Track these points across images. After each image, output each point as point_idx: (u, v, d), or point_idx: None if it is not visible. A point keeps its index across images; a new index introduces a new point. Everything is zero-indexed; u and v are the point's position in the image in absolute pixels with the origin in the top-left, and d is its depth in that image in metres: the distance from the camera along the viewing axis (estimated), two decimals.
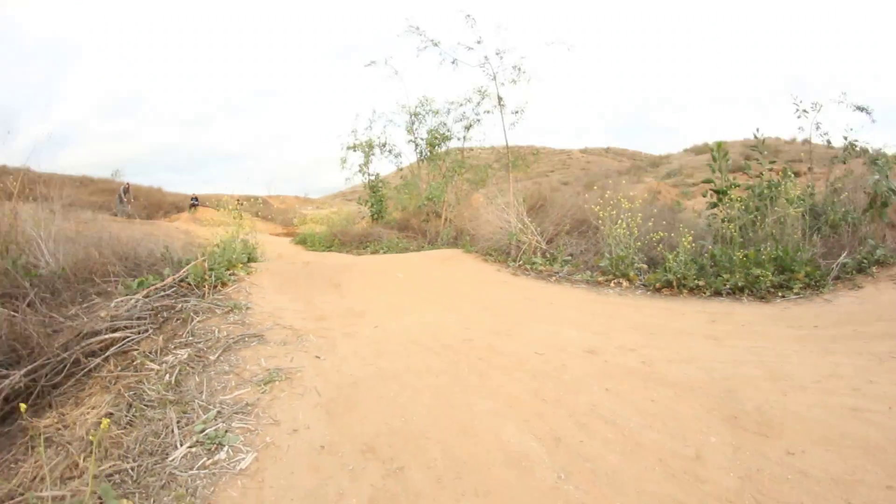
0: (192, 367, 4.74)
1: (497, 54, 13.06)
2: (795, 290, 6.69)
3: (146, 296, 6.11)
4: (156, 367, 4.79)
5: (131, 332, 5.48)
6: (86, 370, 4.90)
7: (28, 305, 5.48)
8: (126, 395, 4.33)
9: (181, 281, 6.78)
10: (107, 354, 5.11)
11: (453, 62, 13.28)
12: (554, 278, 8.50)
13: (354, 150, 16.54)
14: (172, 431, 3.73)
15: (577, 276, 8.37)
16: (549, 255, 9.46)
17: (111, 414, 4.07)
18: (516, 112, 14.22)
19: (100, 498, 2.97)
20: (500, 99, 13.27)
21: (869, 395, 3.76)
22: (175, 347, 5.19)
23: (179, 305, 6.21)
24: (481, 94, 14.86)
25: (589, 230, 9.89)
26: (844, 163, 9.19)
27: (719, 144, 8.89)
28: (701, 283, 7.10)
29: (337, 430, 3.72)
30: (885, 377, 4.05)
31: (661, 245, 8.05)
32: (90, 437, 3.78)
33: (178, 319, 5.86)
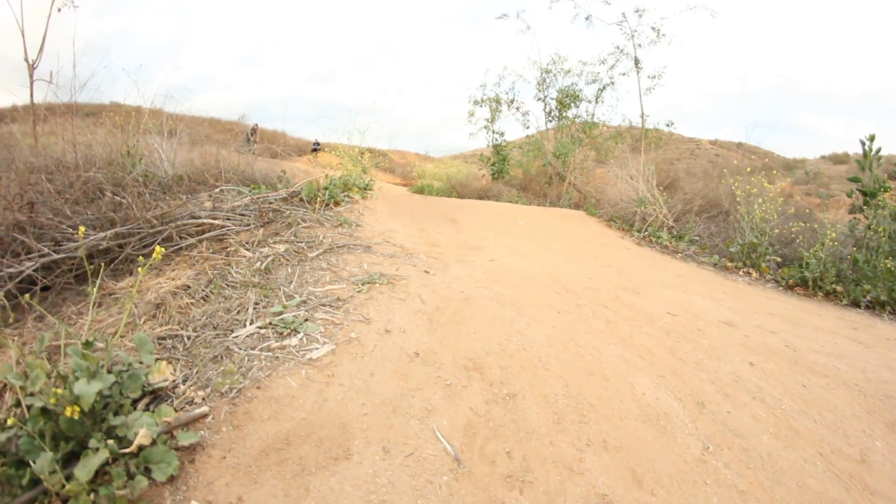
0: (288, 260, 4.22)
1: (636, 12, 12.19)
2: None
3: (254, 200, 5.68)
4: (249, 254, 4.30)
5: (232, 223, 5.04)
6: (177, 248, 4.56)
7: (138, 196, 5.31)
8: (209, 272, 3.88)
9: (294, 195, 6.32)
10: (202, 237, 4.70)
11: (587, 18, 12.59)
12: (679, 255, 7.63)
13: (481, 105, 15.64)
14: (247, 310, 3.16)
15: (704, 257, 7.51)
16: (675, 232, 8.62)
17: (188, 287, 3.67)
18: (653, 77, 13.11)
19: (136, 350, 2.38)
20: (637, 61, 12.42)
21: None
22: (274, 242, 4.66)
23: (287, 212, 5.73)
24: (618, 54, 13.53)
25: (720, 214, 8.96)
26: None
27: (872, 137, 7.16)
28: (839, 288, 6.24)
29: (438, 340, 2.98)
30: None
31: (799, 238, 7.10)
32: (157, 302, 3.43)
33: (283, 223, 5.36)
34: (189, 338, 2.89)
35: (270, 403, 2.23)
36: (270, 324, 2.94)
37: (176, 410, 2.18)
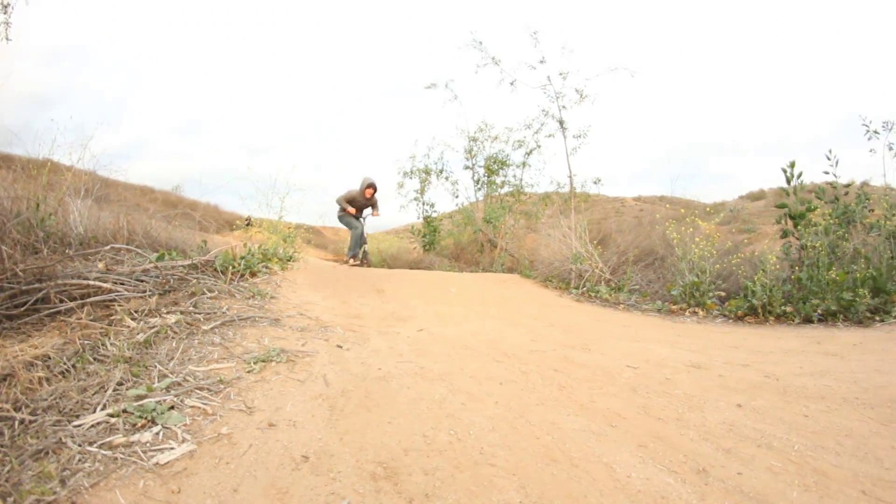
0: (176, 333, 3.57)
1: (560, 75, 12.24)
2: (894, 314, 5.92)
3: (158, 267, 5.05)
4: (133, 324, 3.65)
5: (124, 289, 4.39)
6: (54, 311, 3.84)
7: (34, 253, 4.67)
8: (79, 342, 3.20)
9: (207, 264, 5.74)
10: (85, 302, 4.03)
11: (512, 83, 12.52)
12: (622, 306, 7.47)
13: (411, 177, 15.59)
14: (105, 391, 2.49)
15: (647, 305, 7.40)
16: (613, 285, 8.54)
17: (48, 357, 2.98)
18: (578, 136, 13.30)
19: None
20: (561, 122, 12.32)
21: None
22: (167, 312, 4.03)
23: (194, 281, 5.11)
24: (542, 117, 13.75)
25: (655, 261, 9.11)
26: None
27: (792, 164, 7.58)
28: (788, 309, 6.33)
29: (338, 434, 2.31)
30: None
31: (742, 268, 7.23)
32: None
33: (186, 292, 4.74)
34: (22, 422, 2.21)
35: None
36: (125, 410, 2.29)
37: None
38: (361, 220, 11.70)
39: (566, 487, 2.11)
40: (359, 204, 11.47)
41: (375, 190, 11.45)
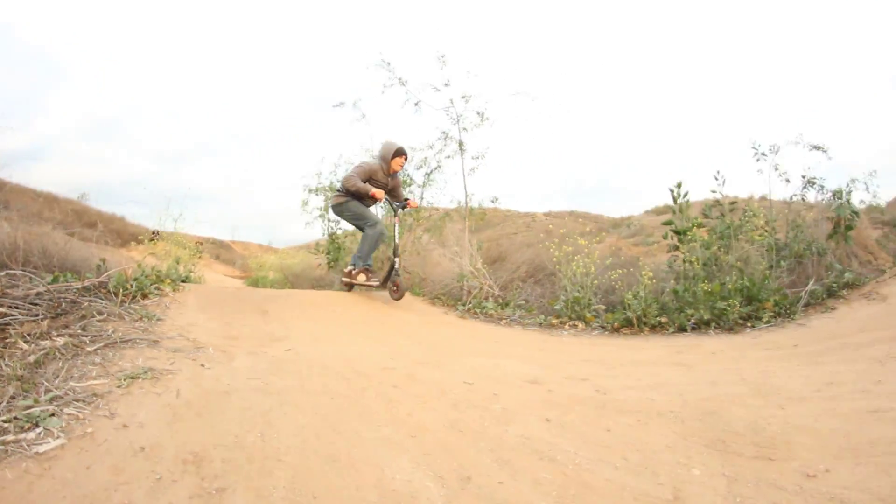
0: (63, 354, 4.27)
1: (463, 98, 12.76)
2: (765, 320, 6.60)
3: (50, 290, 5.67)
4: (26, 347, 4.38)
5: (18, 313, 5.06)
6: None
7: None
8: None
9: (101, 286, 6.32)
10: None
11: (416, 104, 12.91)
12: (504, 321, 8.01)
13: (316, 194, 15.47)
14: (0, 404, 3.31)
15: (530, 319, 7.94)
16: (501, 301, 9.09)
17: None
18: (476, 157, 13.54)
19: None
20: (460, 143, 12.90)
21: (883, 394, 3.40)
22: (57, 335, 4.75)
23: (86, 303, 5.76)
24: (445, 138, 13.80)
25: (545, 277, 9.67)
26: (804, 199, 9.25)
27: (679, 184, 8.51)
28: (663, 319, 6.87)
29: (171, 433, 3.13)
30: (892, 376, 3.77)
31: (620, 283, 7.77)
32: None
33: (77, 315, 5.41)
34: None
35: None
36: (15, 418, 3.12)
37: None
38: (383, 206, 9.42)
39: (331, 481, 2.58)
40: (378, 185, 8.15)
41: (407, 159, 8.41)
